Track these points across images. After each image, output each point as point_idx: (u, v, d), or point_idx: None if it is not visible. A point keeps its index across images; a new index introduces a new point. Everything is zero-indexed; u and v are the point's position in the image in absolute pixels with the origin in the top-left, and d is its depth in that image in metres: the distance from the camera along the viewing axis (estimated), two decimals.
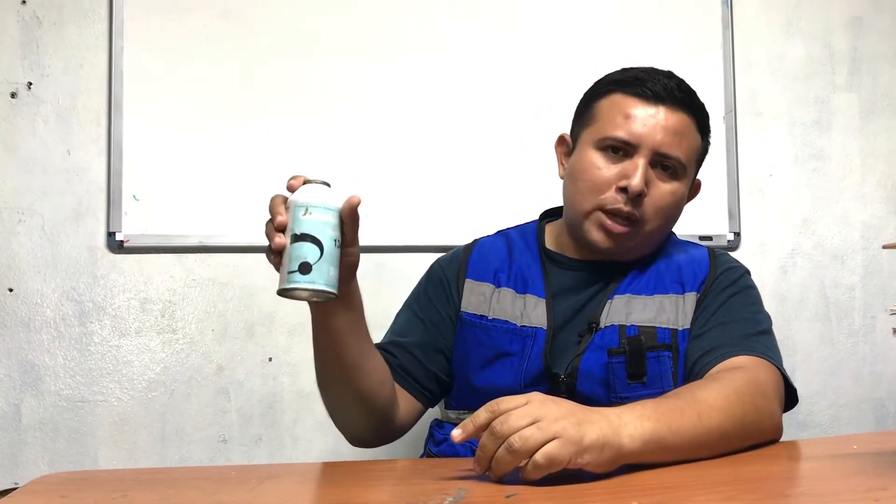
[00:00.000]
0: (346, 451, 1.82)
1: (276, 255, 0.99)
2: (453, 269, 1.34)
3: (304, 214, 0.98)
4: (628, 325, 1.20)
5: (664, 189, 1.22)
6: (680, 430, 0.94)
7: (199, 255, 1.82)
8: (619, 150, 1.22)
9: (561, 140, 1.35)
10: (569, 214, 1.29)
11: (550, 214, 1.40)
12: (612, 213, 1.21)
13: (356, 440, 1.24)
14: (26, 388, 1.76)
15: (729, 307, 1.22)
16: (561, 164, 1.33)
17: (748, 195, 2.05)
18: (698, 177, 1.34)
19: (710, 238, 1.99)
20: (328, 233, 0.99)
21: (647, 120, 1.20)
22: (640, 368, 1.17)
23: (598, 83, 1.30)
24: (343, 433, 1.23)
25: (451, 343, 1.30)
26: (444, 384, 1.31)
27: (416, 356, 1.27)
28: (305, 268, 0.97)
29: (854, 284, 2.10)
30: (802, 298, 2.07)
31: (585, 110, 1.29)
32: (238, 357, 1.83)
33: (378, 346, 1.25)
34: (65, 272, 1.79)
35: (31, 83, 1.80)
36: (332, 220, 1.00)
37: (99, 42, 1.82)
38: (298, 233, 0.98)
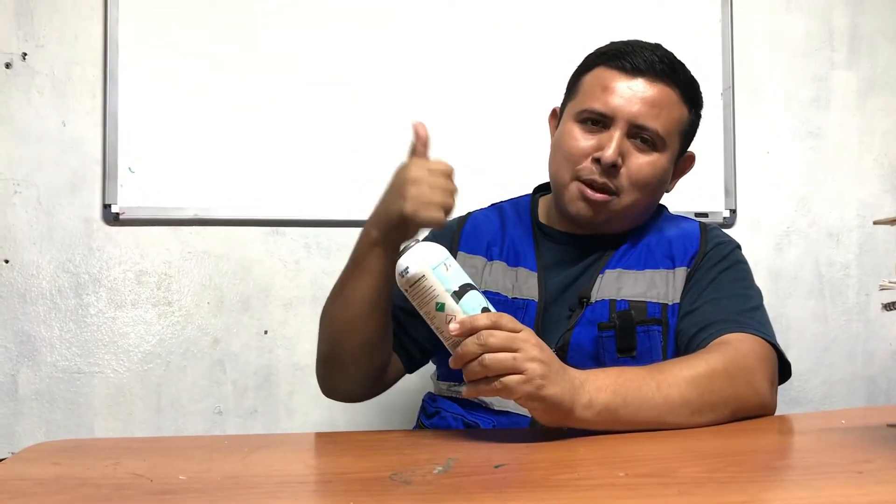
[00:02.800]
0: (341, 424, 1.84)
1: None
2: (446, 240, 1.32)
3: (447, 270, 0.96)
4: (619, 299, 1.22)
5: (641, 160, 1.22)
6: (636, 402, 0.98)
7: (194, 227, 1.83)
8: (598, 122, 1.22)
9: (553, 113, 1.37)
10: (553, 186, 1.31)
11: (544, 188, 1.40)
12: (588, 184, 1.22)
13: (336, 392, 1.25)
14: (22, 360, 1.77)
15: (720, 283, 1.23)
16: (552, 135, 1.35)
17: (745, 172, 2.05)
18: (692, 150, 1.34)
19: (705, 215, 1.99)
20: (464, 272, 0.98)
21: (624, 92, 1.21)
22: (629, 342, 1.18)
23: (586, 57, 1.31)
24: (325, 383, 1.24)
25: None
26: (424, 351, 1.32)
27: (399, 320, 1.28)
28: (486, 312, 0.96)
29: (849, 262, 2.11)
30: (797, 276, 2.07)
31: (573, 84, 1.30)
32: (233, 330, 1.84)
33: None
34: (60, 244, 1.79)
35: (25, 54, 1.79)
36: (450, 260, 0.98)
37: (94, 13, 1.80)
38: (457, 287, 0.95)
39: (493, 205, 1.43)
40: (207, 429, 1.82)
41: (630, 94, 1.21)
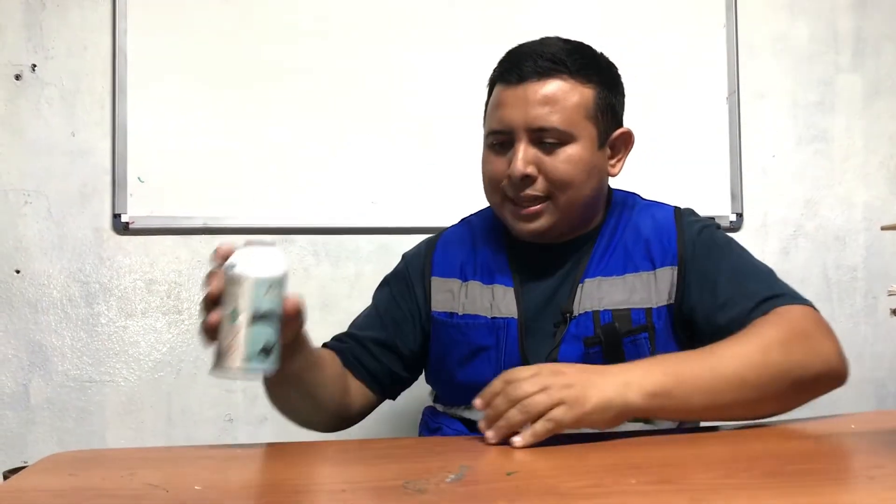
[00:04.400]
0: (352, 432, 1.84)
1: (210, 333, 0.94)
2: (417, 266, 1.34)
3: (268, 292, 0.91)
4: (601, 310, 1.19)
5: (556, 159, 1.18)
6: (689, 380, 0.98)
7: (203, 236, 1.84)
8: (504, 142, 1.21)
9: None
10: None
11: None
12: (514, 201, 1.21)
13: (308, 426, 1.25)
14: (34, 369, 1.78)
15: (732, 268, 1.19)
16: None
17: (751, 176, 2.05)
18: (627, 127, 1.27)
19: (712, 219, 1.99)
20: (281, 305, 0.93)
21: (513, 102, 1.19)
22: (617, 356, 1.16)
23: (489, 80, 1.29)
24: (292, 421, 1.24)
25: (411, 342, 1.30)
26: (400, 379, 1.31)
27: (370, 350, 1.28)
28: (266, 351, 0.92)
29: (856, 265, 2.11)
30: (804, 279, 2.08)
31: (485, 110, 1.29)
32: None
33: (335, 337, 1.31)
34: (71, 253, 1.80)
35: (35, 65, 1.80)
36: (285, 288, 0.93)
37: (102, 24, 1.82)
38: (261, 312, 0.91)
39: (462, 220, 1.41)
40: (218, 437, 1.82)
41: (519, 102, 1.18)
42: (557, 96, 1.18)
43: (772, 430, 1.04)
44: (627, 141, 1.28)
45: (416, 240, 1.82)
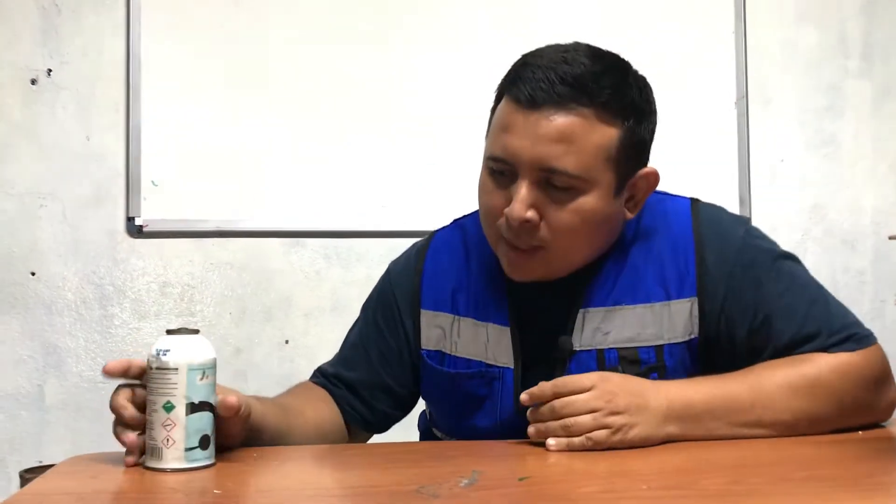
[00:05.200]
0: None
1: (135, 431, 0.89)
2: (405, 293, 1.19)
3: (202, 379, 0.88)
4: (606, 348, 1.07)
5: (562, 210, 1.01)
6: (725, 417, 0.99)
7: (216, 239, 1.86)
8: (505, 171, 1.02)
9: None
10: None
11: None
12: (510, 243, 1.04)
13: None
14: (49, 370, 1.80)
15: (781, 291, 1.07)
16: None
17: (759, 180, 2.06)
18: (651, 166, 1.08)
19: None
20: (214, 393, 0.90)
21: (523, 130, 1.00)
22: None
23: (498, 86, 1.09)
24: None
25: (401, 378, 1.19)
26: (393, 417, 1.22)
27: (360, 395, 1.19)
28: (205, 442, 0.88)
29: (864, 269, 2.12)
30: None
31: (490, 117, 1.09)
32: (255, 339, 1.87)
33: (324, 374, 1.22)
34: (85, 256, 1.82)
35: (50, 70, 1.82)
36: (215, 375, 0.90)
37: (116, 30, 1.84)
38: (197, 401, 0.87)
39: (455, 222, 1.24)
40: None
41: (528, 132, 0.99)
42: (575, 134, 0.99)
43: (779, 438, 1.05)
44: (652, 183, 1.08)
45: None
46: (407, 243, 1.90)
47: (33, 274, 1.80)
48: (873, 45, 2.13)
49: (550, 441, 0.95)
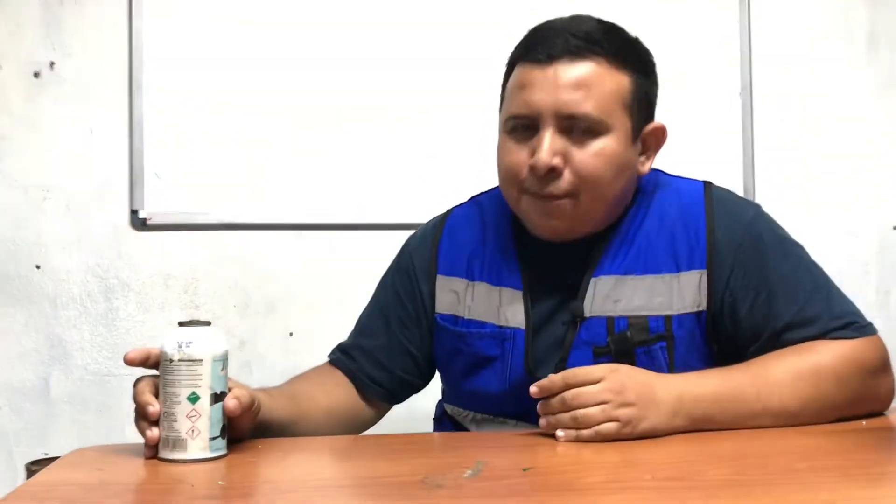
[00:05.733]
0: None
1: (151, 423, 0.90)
2: (422, 260, 1.23)
3: (222, 370, 0.90)
4: (616, 316, 1.09)
5: (584, 154, 1.05)
6: (736, 409, 1.00)
7: (220, 232, 1.86)
8: (527, 127, 1.07)
9: None
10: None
11: None
12: (536, 194, 1.08)
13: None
14: (54, 363, 1.81)
15: (786, 273, 1.09)
16: None
17: (764, 169, 2.06)
18: (659, 121, 1.15)
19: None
20: (227, 384, 0.92)
21: (541, 84, 1.05)
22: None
23: (508, 57, 1.15)
24: None
25: (419, 342, 1.22)
26: (412, 385, 1.25)
27: (380, 361, 1.21)
28: (224, 431, 0.90)
29: (868, 259, 2.11)
30: None
31: (501, 92, 1.15)
32: (259, 332, 1.87)
33: (343, 350, 1.25)
34: (90, 249, 1.83)
35: (53, 63, 1.82)
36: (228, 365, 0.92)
37: (119, 23, 1.84)
38: (218, 391, 0.89)
39: (472, 199, 1.29)
40: None
41: (548, 85, 1.05)
42: (592, 80, 1.05)
43: (784, 427, 1.05)
44: (660, 137, 1.15)
45: None
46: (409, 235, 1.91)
47: (38, 267, 1.81)
48: (878, 32, 2.12)
49: (559, 432, 0.96)
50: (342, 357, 1.24)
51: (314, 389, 1.17)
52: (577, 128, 1.05)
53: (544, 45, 1.07)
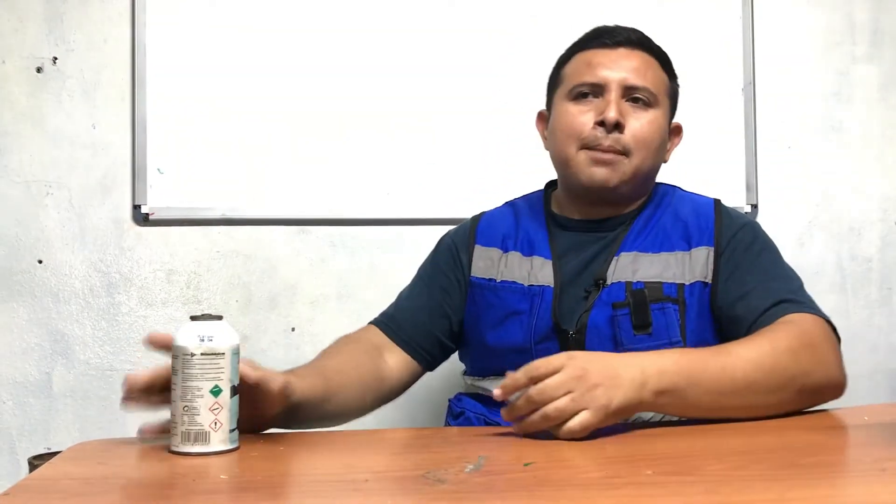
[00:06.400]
0: (370, 421, 1.86)
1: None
2: (462, 236, 1.39)
3: (238, 362, 0.92)
4: (634, 281, 1.23)
5: (641, 119, 1.26)
6: (701, 382, 1.01)
7: (222, 227, 1.86)
8: (591, 93, 1.27)
9: (539, 116, 1.40)
10: (560, 170, 1.33)
11: (556, 183, 1.41)
12: (595, 148, 1.25)
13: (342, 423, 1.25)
14: (56, 357, 1.81)
15: (762, 265, 1.24)
16: (543, 137, 1.38)
17: (766, 167, 2.05)
18: (676, 121, 1.37)
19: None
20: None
21: (609, 62, 1.27)
22: (644, 319, 1.20)
23: (562, 53, 1.36)
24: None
25: (457, 307, 1.34)
26: (446, 349, 1.36)
27: (420, 320, 1.32)
28: (238, 423, 0.92)
29: (871, 256, 2.11)
30: (819, 270, 2.08)
31: (555, 78, 1.36)
32: (261, 327, 1.87)
33: (384, 314, 1.36)
34: (92, 244, 1.83)
35: (56, 58, 1.82)
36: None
37: (122, 17, 1.84)
38: (236, 384, 0.91)
39: (505, 203, 1.45)
40: None
41: (615, 62, 1.27)
42: (648, 66, 1.29)
43: (785, 422, 1.05)
44: (678, 133, 1.38)
45: (430, 230, 1.85)
46: (411, 230, 1.92)
47: (40, 262, 1.81)
48: (882, 30, 2.12)
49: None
50: (384, 319, 1.34)
51: (343, 363, 1.22)
52: (636, 97, 1.26)
53: (610, 34, 1.29)
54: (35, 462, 1.59)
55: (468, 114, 1.92)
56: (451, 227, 1.45)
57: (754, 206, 2.04)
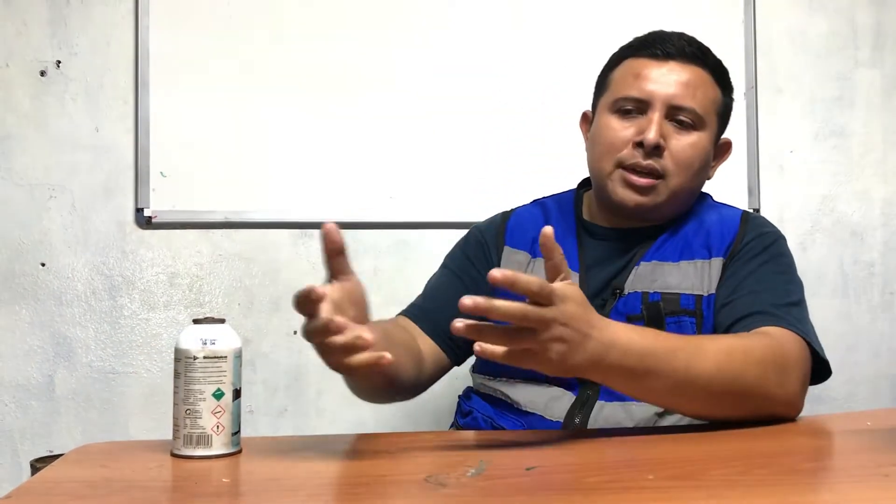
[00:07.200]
0: (371, 424, 1.87)
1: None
2: (492, 232, 1.36)
3: (241, 365, 0.92)
4: (651, 291, 1.21)
5: (683, 141, 1.22)
6: (659, 373, 0.96)
7: (225, 230, 1.86)
8: (634, 109, 1.23)
9: (584, 117, 1.37)
10: (594, 181, 1.30)
11: (589, 183, 1.37)
12: (632, 169, 1.22)
13: (381, 402, 1.29)
14: (59, 360, 1.81)
15: (760, 275, 1.19)
16: (585, 138, 1.35)
17: (768, 171, 2.05)
18: (726, 136, 1.33)
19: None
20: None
21: (657, 76, 1.22)
22: None
23: (612, 54, 1.32)
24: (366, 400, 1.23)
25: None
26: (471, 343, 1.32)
27: (451, 312, 1.25)
28: (240, 425, 0.92)
29: (873, 261, 2.11)
30: (821, 275, 2.08)
31: (602, 81, 1.31)
32: (263, 330, 1.87)
33: (413, 304, 1.32)
34: (95, 247, 1.83)
35: (59, 61, 1.83)
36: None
37: (125, 21, 1.84)
38: (238, 387, 0.92)
39: (535, 201, 1.42)
40: None
41: (663, 77, 1.22)
42: (698, 83, 1.23)
43: (787, 427, 1.05)
44: (726, 150, 1.34)
45: (434, 235, 1.86)
46: (414, 235, 1.92)
47: (43, 265, 1.81)
48: (884, 34, 2.12)
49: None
50: (413, 310, 1.31)
51: (396, 332, 1.21)
52: (680, 119, 1.22)
53: (662, 44, 1.24)
54: (37, 465, 1.59)
55: (472, 116, 1.92)
56: (486, 220, 1.40)
57: (756, 211, 2.04)
